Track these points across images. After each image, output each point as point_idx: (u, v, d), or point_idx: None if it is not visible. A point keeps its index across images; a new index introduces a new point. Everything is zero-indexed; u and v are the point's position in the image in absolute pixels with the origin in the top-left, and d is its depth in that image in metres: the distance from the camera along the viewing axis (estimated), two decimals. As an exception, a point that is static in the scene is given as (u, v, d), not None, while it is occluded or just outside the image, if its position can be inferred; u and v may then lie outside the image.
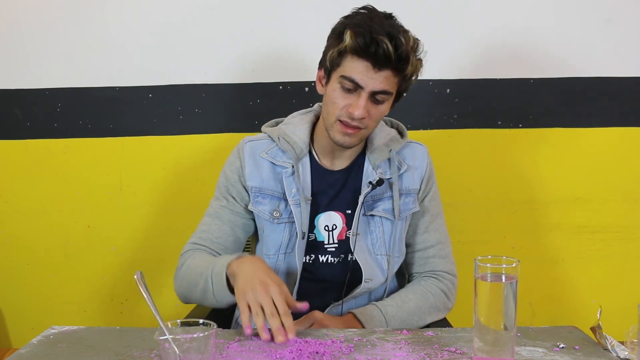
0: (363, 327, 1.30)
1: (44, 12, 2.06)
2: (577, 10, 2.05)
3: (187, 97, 2.10)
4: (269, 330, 1.10)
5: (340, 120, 1.29)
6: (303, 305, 1.16)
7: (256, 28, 2.06)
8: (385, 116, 1.49)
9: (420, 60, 1.30)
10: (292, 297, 1.15)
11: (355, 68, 1.25)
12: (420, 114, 2.10)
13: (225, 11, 2.06)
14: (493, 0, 2.05)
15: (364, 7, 1.29)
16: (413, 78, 1.31)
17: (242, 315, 1.11)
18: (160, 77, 2.09)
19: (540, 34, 2.06)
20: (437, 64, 2.07)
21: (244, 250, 1.64)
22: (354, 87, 1.26)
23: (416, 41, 1.28)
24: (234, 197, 1.41)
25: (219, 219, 1.40)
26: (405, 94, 1.38)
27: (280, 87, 2.08)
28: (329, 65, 1.30)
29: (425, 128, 2.10)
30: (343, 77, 1.26)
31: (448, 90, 2.09)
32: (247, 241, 1.58)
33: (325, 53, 1.32)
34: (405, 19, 1.32)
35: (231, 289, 1.20)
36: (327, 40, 1.32)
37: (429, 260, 1.44)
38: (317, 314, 1.31)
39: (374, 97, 1.27)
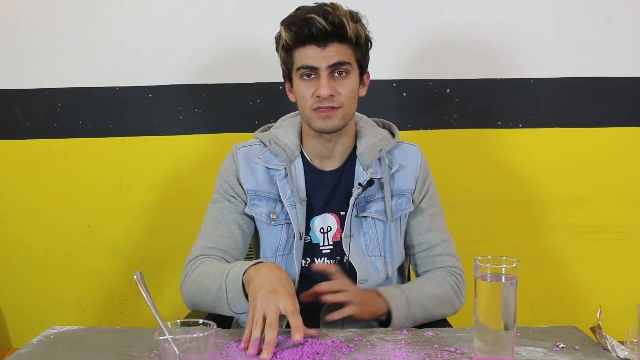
0: (387, 305, 1.28)
1: (44, 12, 2.07)
2: (577, 10, 2.05)
3: (187, 97, 2.10)
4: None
5: (314, 109, 1.32)
6: (313, 332, 1.14)
7: (256, 28, 2.06)
8: (385, 119, 1.49)
9: (361, 24, 1.33)
10: (299, 317, 1.09)
11: (304, 55, 1.30)
12: (420, 114, 2.10)
13: (225, 11, 2.06)
14: (493, 0, 2.05)
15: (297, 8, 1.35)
16: (363, 43, 1.34)
17: (247, 325, 1.09)
18: (160, 77, 2.09)
19: (540, 34, 2.06)
20: (437, 64, 2.08)
21: (246, 257, 1.64)
22: (311, 71, 1.31)
23: (349, 10, 1.32)
24: (235, 198, 1.41)
25: (225, 219, 1.40)
26: (404, 91, 1.38)
27: (280, 87, 2.07)
28: (286, 69, 1.37)
29: (425, 128, 2.10)
30: (298, 68, 1.32)
31: (448, 90, 2.09)
32: (250, 247, 1.58)
33: (280, 64, 1.39)
34: (404, 19, 1.32)
35: (247, 296, 1.16)
36: (276, 51, 1.38)
37: (436, 259, 1.44)
38: (348, 284, 1.28)
39: (335, 73, 1.31)
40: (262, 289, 1.10)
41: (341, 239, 1.39)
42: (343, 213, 1.40)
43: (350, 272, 1.37)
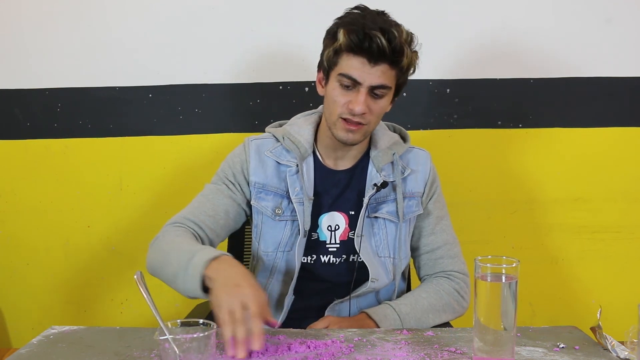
0: (377, 326, 1.30)
1: (44, 12, 2.07)
2: (577, 10, 2.05)
3: (187, 97, 2.10)
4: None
5: (342, 118, 1.31)
6: (273, 322, 1.09)
7: (256, 28, 2.06)
8: (388, 122, 1.50)
9: (415, 52, 1.32)
10: (267, 307, 1.08)
11: (352, 65, 1.28)
12: (420, 114, 2.10)
13: (225, 11, 2.06)
14: (493, 0, 2.05)
15: (356, 7, 1.32)
16: (410, 71, 1.34)
17: (223, 328, 1.02)
18: (160, 77, 2.09)
19: (540, 34, 2.06)
20: (437, 64, 2.08)
21: (244, 248, 1.64)
22: (353, 84, 1.29)
23: (409, 34, 1.30)
24: (234, 185, 1.41)
25: (215, 200, 1.39)
26: (404, 91, 1.39)
27: (280, 87, 2.08)
28: (326, 66, 1.33)
29: (425, 128, 2.11)
30: (341, 75, 1.29)
31: (448, 90, 2.09)
32: (248, 238, 1.57)
33: (322, 54, 1.35)
34: (404, 19, 1.32)
35: (203, 288, 1.14)
36: (323, 42, 1.35)
37: (438, 262, 1.45)
38: (331, 317, 1.33)
39: (373, 92, 1.29)
40: (225, 287, 1.07)
41: (349, 238, 1.40)
42: (352, 213, 1.40)
43: (358, 271, 1.38)
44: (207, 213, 1.37)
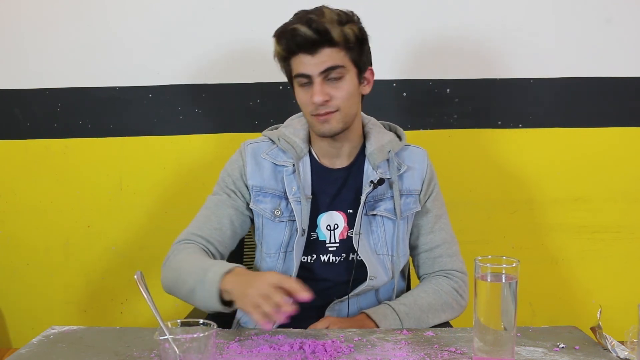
0: (377, 326, 1.30)
1: (44, 12, 2.07)
2: (577, 10, 2.05)
3: (187, 97, 2.10)
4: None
5: (312, 115, 1.35)
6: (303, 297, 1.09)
7: (256, 28, 2.06)
8: (385, 121, 1.50)
9: (352, 24, 1.32)
10: (282, 279, 1.10)
11: (298, 63, 1.33)
12: (420, 114, 2.10)
13: (225, 11, 2.06)
14: (493, 0, 2.05)
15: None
16: (353, 42, 1.32)
17: (254, 315, 1.07)
18: (160, 77, 2.09)
19: (540, 34, 2.06)
20: (437, 64, 2.08)
21: (244, 250, 1.64)
22: (306, 80, 1.33)
23: (336, 12, 1.32)
24: (234, 193, 1.42)
25: (218, 211, 1.41)
26: (404, 91, 1.39)
27: (280, 87, 2.08)
28: (287, 78, 1.40)
29: (425, 128, 2.10)
30: (294, 77, 1.35)
31: (448, 90, 2.09)
32: (251, 240, 1.58)
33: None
34: (404, 20, 1.32)
35: (222, 301, 1.18)
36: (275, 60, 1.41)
37: (437, 260, 1.45)
38: (331, 317, 1.34)
39: (329, 78, 1.32)
40: (244, 294, 1.11)
41: (348, 236, 1.41)
42: (351, 211, 1.41)
43: (358, 269, 1.38)
44: (213, 226, 1.39)
